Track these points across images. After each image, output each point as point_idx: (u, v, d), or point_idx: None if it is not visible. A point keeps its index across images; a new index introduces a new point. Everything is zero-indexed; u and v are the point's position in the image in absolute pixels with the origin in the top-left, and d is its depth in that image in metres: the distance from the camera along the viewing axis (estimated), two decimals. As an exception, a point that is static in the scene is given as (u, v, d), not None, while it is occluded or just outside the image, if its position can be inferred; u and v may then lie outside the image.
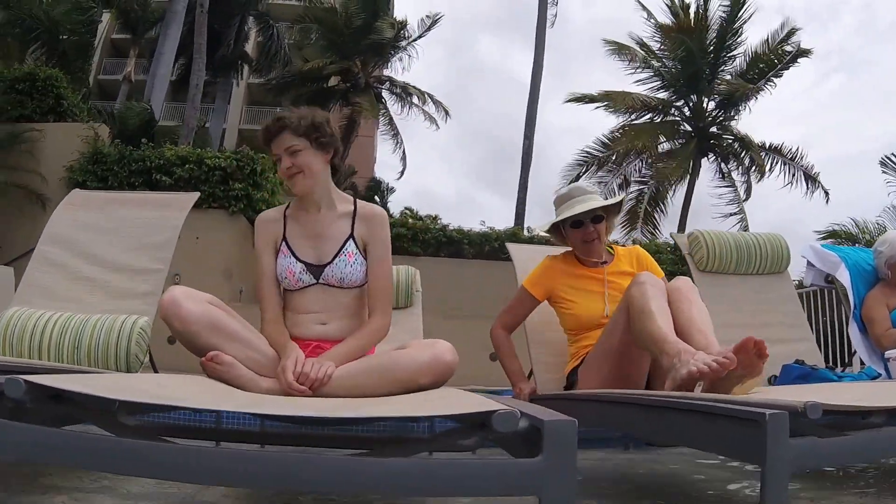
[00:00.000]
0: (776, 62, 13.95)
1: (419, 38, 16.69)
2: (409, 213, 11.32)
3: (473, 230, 10.14)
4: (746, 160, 14.53)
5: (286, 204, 1.92)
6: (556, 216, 2.36)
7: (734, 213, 14.42)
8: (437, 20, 16.63)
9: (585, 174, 14.51)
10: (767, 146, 14.39)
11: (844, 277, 3.02)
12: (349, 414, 1.13)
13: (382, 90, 17.28)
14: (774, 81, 14.14)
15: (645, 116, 15.01)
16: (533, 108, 14.21)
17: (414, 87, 16.98)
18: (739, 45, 14.11)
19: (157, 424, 1.85)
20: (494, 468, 0.85)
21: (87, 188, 6.77)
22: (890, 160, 9.57)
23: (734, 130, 14.66)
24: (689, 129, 14.77)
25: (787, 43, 13.82)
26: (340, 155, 1.89)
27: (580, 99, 14.78)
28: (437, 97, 16.89)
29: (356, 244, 1.82)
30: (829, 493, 1.75)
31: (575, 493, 0.84)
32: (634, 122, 14.94)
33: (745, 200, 14.55)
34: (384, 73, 17.40)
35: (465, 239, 9.89)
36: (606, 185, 14.49)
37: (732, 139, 14.70)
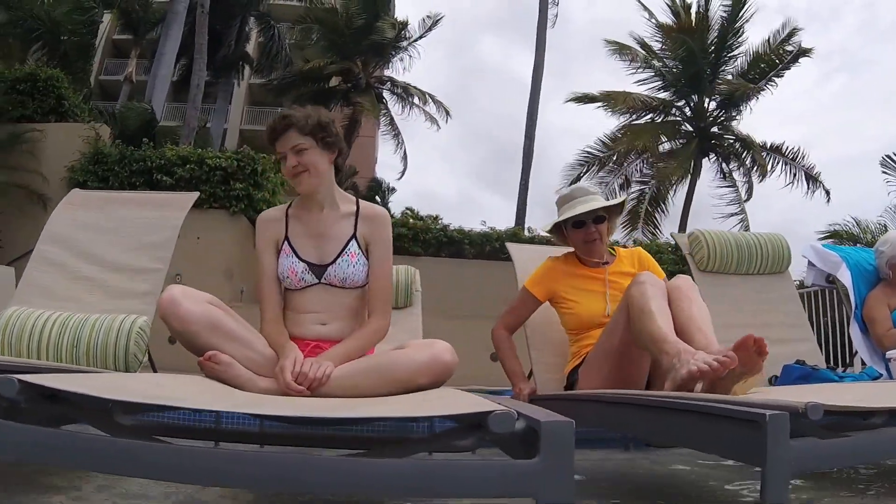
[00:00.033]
0: (777, 62, 13.93)
1: (420, 38, 16.70)
2: (409, 213, 11.28)
3: (474, 230, 10.11)
4: (748, 160, 14.50)
5: (288, 203, 1.91)
6: (558, 216, 2.37)
7: (735, 213, 14.43)
8: (437, 20, 16.66)
9: (586, 174, 14.50)
10: (769, 146, 14.36)
11: (845, 277, 3.01)
12: (346, 414, 1.12)
13: (383, 90, 17.27)
14: (776, 81, 14.13)
15: (646, 116, 14.99)
16: (534, 108, 14.19)
17: (415, 87, 16.98)
18: (740, 44, 14.10)
19: (155, 424, 1.85)
20: (490, 469, 0.84)
21: (87, 188, 6.77)
22: (890, 160, 9.54)
23: (735, 130, 14.63)
24: (690, 129, 14.74)
25: (788, 43, 13.80)
26: (344, 155, 1.89)
27: (581, 99, 14.76)
28: (437, 97, 16.91)
29: (359, 244, 1.82)
30: (829, 493, 1.74)
31: (572, 494, 0.83)
32: (635, 122, 14.92)
33: (746, 200, 14.54)
34: (385, 73, 17.40)
35: (465, 239, 9.86)
36: (607, 185, 14.48)
37: (733, 139, 14.67)
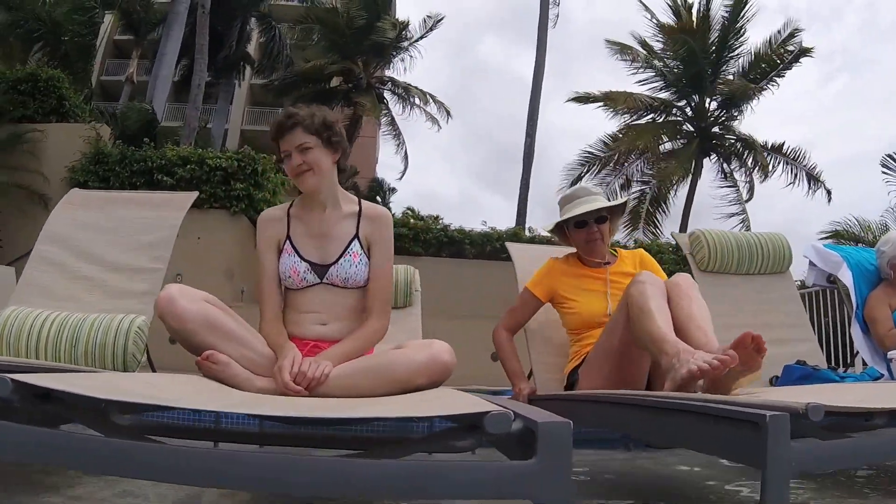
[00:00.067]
0: (778, 62, 13.91)
1: (421, 38, 16.68)
2: (410, 213, 11.26)
3: (475, 230, 10.09)
4: (749, 161, 14.48)
5: (289, 203, 1.90)
6: (560, 216, 2.38)
7: (736, 213, 14.41)
8: (439, 21, 16.64)
9: (587, 174, 14.48)
10: (770, 146, 14.34)
11: (847, 277, 2.99)
12: (343, 414, 1.12)
13: (384, 91, 17.26)
14: (777, 81, 14.10)
15: (647, 116, 14.97)
16: (534, 108, 14.18)
17: (416, 87, 16.98)
18: (742, 44, 14.08)
19: (154, 424, 1.85)
20: (487, 471, 0.83)
21: (88, 188, 6.76)
22: (891, 159, 9.50)
23: (736, 130, 14.61)
24: (691, 129, 14.72)
25: (789, 43, 13.78)
26: (346, 155, 1.88)
27: (582, 99, 14.74)
28: (438, 98, 16.88)
29: (361, 244, 1.82)
30: (829, 494, 1.73)
31: (570, 496, 0.82)
32: (636, 122, 14.91)
33: (747, 201, 14.51)
34: (386, 73, 17.39)
35: (466, 239, 9.85)
36: (608, 185, 14.45)
37: (735, 139, 14.65)
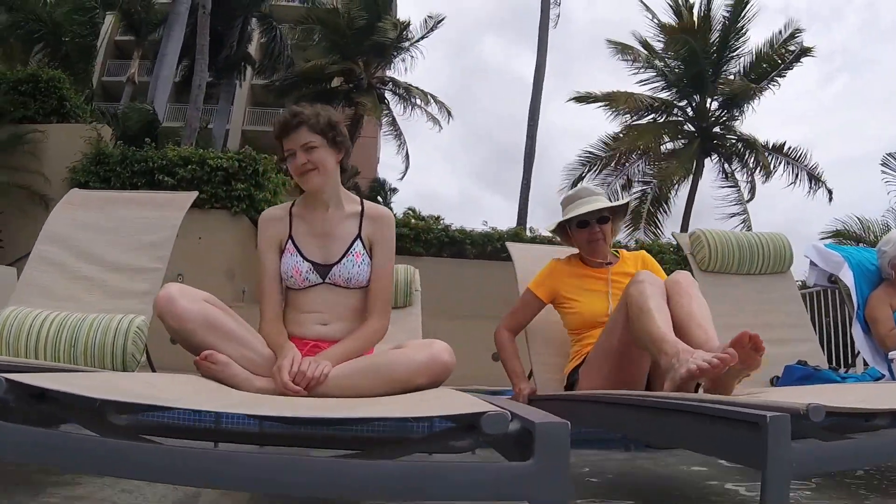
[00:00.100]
0: (779, 62, 13.89)
1: (422, 38, 16.67)
2: (411, 213, 11.24)
3: (476, 230, 10.08)
4: (751, 161, 14.46)
5: (291, 202, 1.90)
6: (562, 216, 2.38)
7: (737, 213, 14.40)
8: (440, 21, 16.64)
9: (588, 174, 14.47)
10: (771, 146, 14.32)
11: (848, 277, 2.98)
12: (340, 414, 1.11)
13: (385, 91, 17.26)
14: (778, 81, 14.07)
15: (648, 117, 14.96)
16: (535, 108, 14.16)
17: (417, 87, 16.98)
18: (743, 44, 14.07)
19: (154, 424, 1.85)
20: (483, 472, 0.83)
21: (89, 189, 6.77)
22: (891, 159, 9.47)
23: (737, 131, 14.59)
24: (692, 129, 14.70)
25: (790, 43, 13.76)
26: (348, 155, 1.88)
27: (582, 99, 14.72)
28: (439, 98, 16.88)
29: (363, 244, 1.81)
30: (829, 495, 1.72)
31: (567, 497, 0.82)
32: (637, 122, 14.89)
33: (748, 201, 14.49)
34: (387, 73, 17.39)
35: (467, 239, 9.84)
36: (609, 185, 14.43)
37: (736, 139, 14.64)
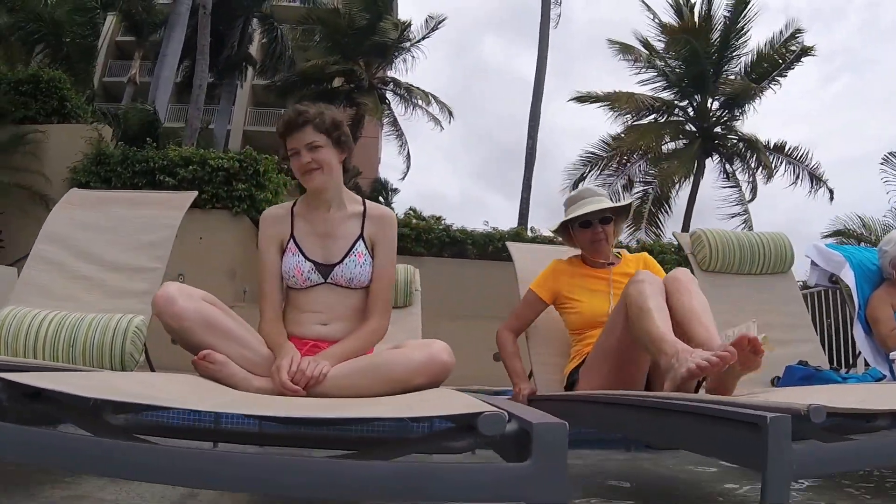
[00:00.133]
0: (780, 62, 13.86)
1: (423, 39, 16.68)
2: (412, 213, 11.23)
3: (477, 230, 10.07)
4: (752, 161, 14.43)
5: (292, 201, 1.89)
6: (565, 216, 2.39)
7: (739, 213, 14.37)
8: (441, 21, 16.63)
9: (589, 174, 14.45)
10: (772, 146, 14.30)
11: (849, 277, 2.97)
12: (337, 414, 1.10)
13: (386, 91, 17.27)
14: (779, 81, 14.05)
15: (649, 117, 14.94)
16: (536, 108, 14.14)
17: (418, 88, 16.98)
18: (744, 44, 14.05)
19: (152, 424, 1.84)
20: (481, 472, 0.82)
21: (90, 189, 6.76)
22: (892, 158, 9.43)
23: (738, 131, 14.57)
24: (693, 129, 14.69)
25: (791, 43, 13.74)
26: (351, 156, 1.88)
27: (584, 98, 14.70)
28: (440, 98, 16.89)
29: (365, 244, 1.81)
30: (829, 496, 1.72)
31: (565, 498, 0.81)
32: (638, 122, 14.87)
33: (750, 201, 14.46)
34: (388, 74, 17.39)
35: (468, 239, 9.83)
36: (610, 185, 14.42)
37: (737, 139, 14.61)
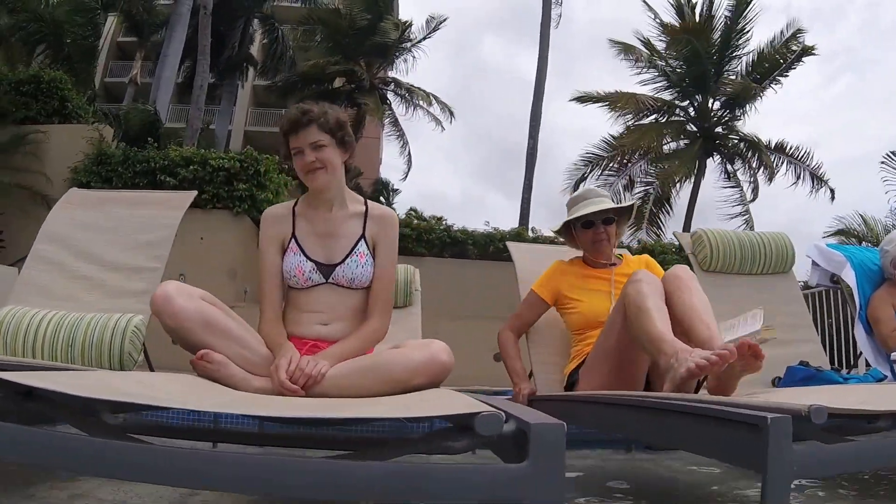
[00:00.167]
0: (781, 62, 13.84)
1: (424, 39, 16.68)
2: (413, 213, 11.23)
3: (478, 231, 10.07)
4: (754, 161, 14.41)
5: (294, 201, 1.89)
6: (567, 216, 2.39)
7: (740, 213, 14.35)
8: (442, 22, 16.63)
9: (590, 174, 14.44)
10: (773, 146, 14.27)
11: (850, 277, 2.96)
12: (334, 414, 1.10)
13: (387, 91, 17.27)
14: (780, 81, 14.03)
15: (650, 117, 14.93)
16: (537, 107, 14.13)
17: (419, 88, 16.97)
18: (745, 44, 14.03)
19: (150, 424, 1.83)
20: (478, 473, 0.81)
21: (91, 189, 6.76)
22: (891, 157, 9.39)
23: (740, 131, 14.55)
24: (694, 129, 14.67)
25: (792, 42, 13.72)
26: (353, 156, 1.88)
27: (584, 98, 14.68)
28: (441, 98, 16.89)
29: (367, 245, 1.81)
30: (830, 498, 1.71)
31: (563, 499, 0.80)
32: (639, 122, 14.85)
33: (751, 201, 14.44)
34: (389, 74, 17.39)
35: (469, 239, 9.82)
36: (611, 185, 14.40)
37: (738, 139, 14.59)
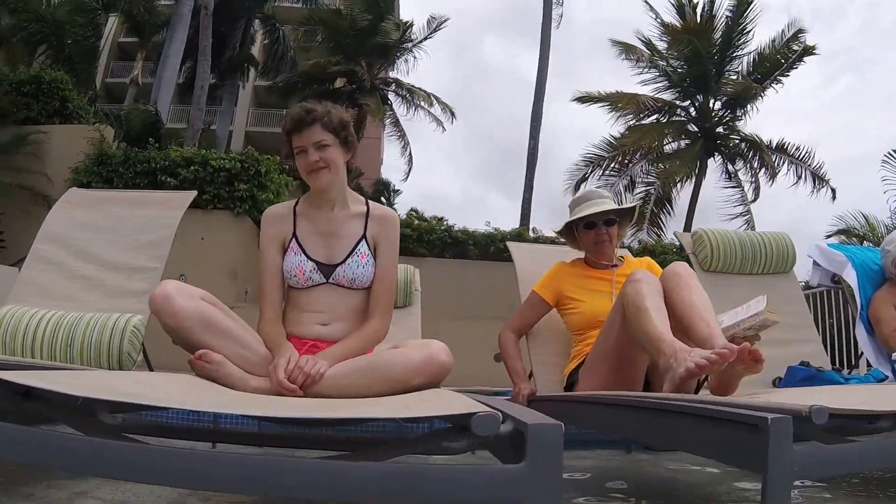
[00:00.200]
0: (782, 62, 13.83)
1: (425, 39, 16.68)
2: (414, 213, 11.23)
3: (479, 231, 10.06)
4: (755, 161, 14.39)
5: (295, 200, 1.89)
6: (569, 217, 2.38)
7: (741, 213, 14.33)
8: (443, 22, 16.62)
9: (591, 175, 14.43)
10: (774, 146, 14.26)
11: (851, 277, 2.95)
12: (332, 414, 1.09)
13: (388, 92, 17.27)
14: (781, 81, 14.01)
15: (651, 117, 14.92)
16: (538, 108, 14.12)
17: (419, 88, 16.97)
18: (746, 44, 14.02)
19: (149, 424, 1.83)
20: (475, 474, 0.81)
21: (92, 189, 6.76)
22: (892, 157, 9.37)
23: (741, 131, 14.53)
24: (695, 129, 14.66)
25: (793, 42, 13.70)
26: (355, 156, 1.88)
27: (585, 99, 14.67)
28: (442, 98, 16.88)
29: (368, 245, 1.80)
30: (830, 498, 1.70)
31: (560, 500, 0.80)
32: (640, 122, 14.84)
33: (753, 201, 14.42)
34: (390, 74, 17.39)
35: (470, 240, 9.82)
36: (612, 186, 14.39)
37: (739, 139, 14.58)
